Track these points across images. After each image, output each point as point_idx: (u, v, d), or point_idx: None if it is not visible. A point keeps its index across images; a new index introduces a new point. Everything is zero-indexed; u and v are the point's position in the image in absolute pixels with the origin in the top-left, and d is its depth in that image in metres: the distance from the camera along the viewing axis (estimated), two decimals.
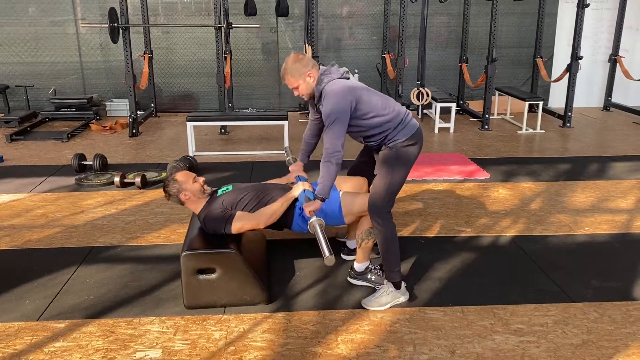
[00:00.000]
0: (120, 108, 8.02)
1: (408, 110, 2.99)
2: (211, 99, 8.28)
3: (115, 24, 6.48)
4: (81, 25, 7.75)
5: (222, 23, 6.51)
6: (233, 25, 6.88)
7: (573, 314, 2.88)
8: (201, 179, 3.14)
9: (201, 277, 2.87)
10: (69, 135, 6.66)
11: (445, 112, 7.23)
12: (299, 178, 3.23)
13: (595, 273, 3.33)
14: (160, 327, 2.76)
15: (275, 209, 3.02)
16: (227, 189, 3.21)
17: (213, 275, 2.87)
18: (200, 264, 2.85)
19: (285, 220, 3.13)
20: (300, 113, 7.91)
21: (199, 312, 2.89)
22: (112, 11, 6.46)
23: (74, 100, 7.60)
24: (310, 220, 2.71)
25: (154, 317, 2.84)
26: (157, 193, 4.73)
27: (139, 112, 7.11)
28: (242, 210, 3.05)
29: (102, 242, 3.76)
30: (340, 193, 3.13)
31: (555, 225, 4.04)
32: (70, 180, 5.04)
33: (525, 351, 2.57)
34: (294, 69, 2.83)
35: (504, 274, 3.32)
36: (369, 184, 3.39)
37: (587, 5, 6.84)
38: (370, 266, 3.14)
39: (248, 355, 2.54)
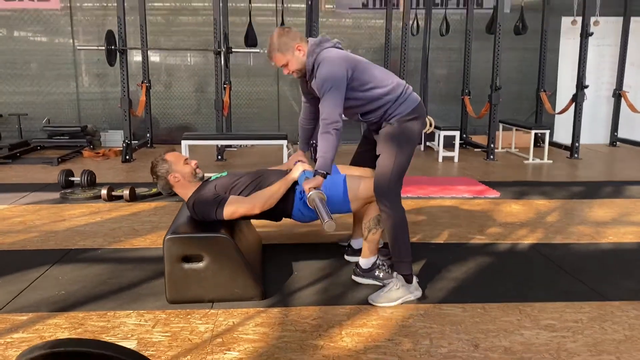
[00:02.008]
0: (115, 138, 7.81)
1: (408, 84, 2.74)
2: (209, 132, 8.07)
3: (113, 47, 6.36)
4: (77, 47, 7.64)
5: (222, 47, 6.40)
6: (233, 50, 6.77)
7: (610, 312, 2.53)
8: (193, 162, 2.85)
9: (187, 265, 2.53)
10: (60, 160, 6.40)
11: (448, 143, 7.03)
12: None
13: (627, 275, 2.99)
14: (137, 320, 2.41)
15: (272, 192, 2.69)
16: (222, 174, 2.92)
17: (200, 264, 2.54)
18: (186, 250, 2.52)
19: (285, 206, 2.79)
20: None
21: (183, 306, 2.53)
22: (109, 34, 6.36)
23: (68, 128, 7.39)
24: (309, 194, 2.39)
25: (131, 311, 2.49)
26: (147, 205, 4.43)
27: (134, 141, 6.90)
28: (236, 195, 2.74)
29: (81, 245, 3.42)
30: (346, 176, 2.82)
31: (576, 235, 3.72)
32: (55, 195, 4.73)
33: (561, 345, 2.21)
34: (281, 43, 2.55)
35: (526, 275, 2.98)
36: None
37: (591, 34, 6.77)
38: (377, 262, 2.81)
39: (237, 347, 2.17)
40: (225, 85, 7.27)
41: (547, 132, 6.99)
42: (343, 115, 2.61)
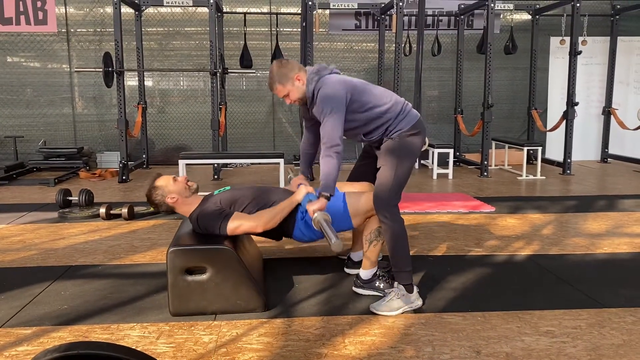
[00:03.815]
0: (111, 160, 7.82)
1: (407, 101, 2.81)
2: (205, 152, 8.12)
3: (110, 68, 6.43)
4: (75, 69, 7.72)
5: (218, 68, 6.48)
6: (229, 71, 6.86)
7: (607, 318, 2.57)
8: (182, 177, 2.89)
9: (190, 278, 2.56)
10: (56, 181, 6.41)
11: (442, 161, 7.11)
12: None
13: (623, 283, 3.04)
14: (141, 332, 2.42)
15: (276, 212, 2.74)
16: (225, 189, 2.96)
17: (203, 276, 2.56)
18: (189, 262, 2.54)
19: (286, 226, 2.84)
20: (295, 164, 7.75)
21: (186, 318, 2.55)
22: (107, 56, 6.43)
23: (64, 150, 7.42)
24: (315, 216, 2.45)
25: (135, 324, 2.50)
26: (145, 223, 4.45)
27: (130, 162, 6.93)
28: (241, 211, 2.78)
29: (81, 261, 3.44)
30: (345, 193, 2.87)
31: (571, 246, 3.77)
32: (54, 214, 4.74)
33: (561, 350, 2.24)
34: (280, 75, 2.66)
35: (524, 284, 3.02)
36: None
37: (579, 53, 6.92)
38: (378, 272, 2.84)
39: (242, 357, 2.19)
40: (221, 106, 7.36)
41: (539, 149, 7.08)
42: (344, 137, 2.69)
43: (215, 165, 6.66)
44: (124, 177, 6.58)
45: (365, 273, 2.83)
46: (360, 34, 8.45)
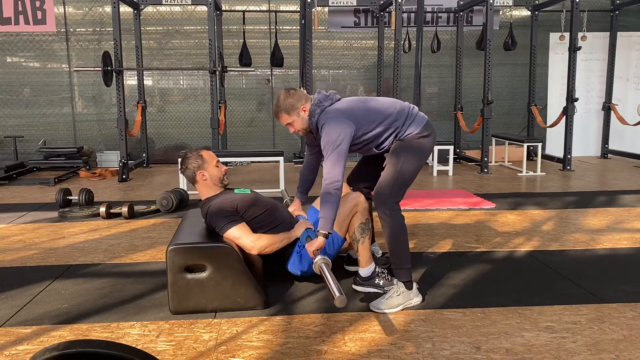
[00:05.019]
0: (110, 159, 7.84)
1: (413, 105, 2.81)
2: None
3: (109, 68, 6.42)
4: (74, 68, 7.72)
5: (217, 66, 6.48)
6: (228, 69, 6.86)
7: (608, 313, 2.57)
8: (224, 168, 2.92)
9: (190, 276, 2.56)
10: (56, 180, 6.42)
11: (443, 158, 7.10)
12: (299, 217, 3.00)
13: (624, 279, 3.03)
14: (141, 330, 2.42)
15: (274, 241, 2.74)
16: (246, 191, 2.96)
17: (203, 274, 2.56)
18: (189, 260, 2.54)
19: (282, 256, 2.85)
20: (295, 162, 7.75)
21: (186, 316, 2.55)
22: (105, 55, 6.43)
23: (64, 150, 7.42)
24: (315, 260, 2.46)
25: (135, 322, 2.50)
26: (145, 222, 4.45)
27: (130, 161, 6.93)
28: (250, 220, 2.78)
29: (82, 260, 3.44)
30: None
31: (571, 242, 3.77)
32: (54, 214, 4.74)
33: (561, 346, 2.24)
34: (287, 105, 2.69)
35: (524, 281, 3.02)
36: (364, 190, 3.09)
37: (579, 49, 6.91)
38: (377, 270, 2.84)
39: (242, 354, 2.19)
40: (220, 105, 7.36)
41: (539, 145, 7.07)
42: (358, 153, 2.73)
43: None
44: (124, 176, 6.59)
45: (363, 271, 2.83)
46: (359, 31, 8.44)
